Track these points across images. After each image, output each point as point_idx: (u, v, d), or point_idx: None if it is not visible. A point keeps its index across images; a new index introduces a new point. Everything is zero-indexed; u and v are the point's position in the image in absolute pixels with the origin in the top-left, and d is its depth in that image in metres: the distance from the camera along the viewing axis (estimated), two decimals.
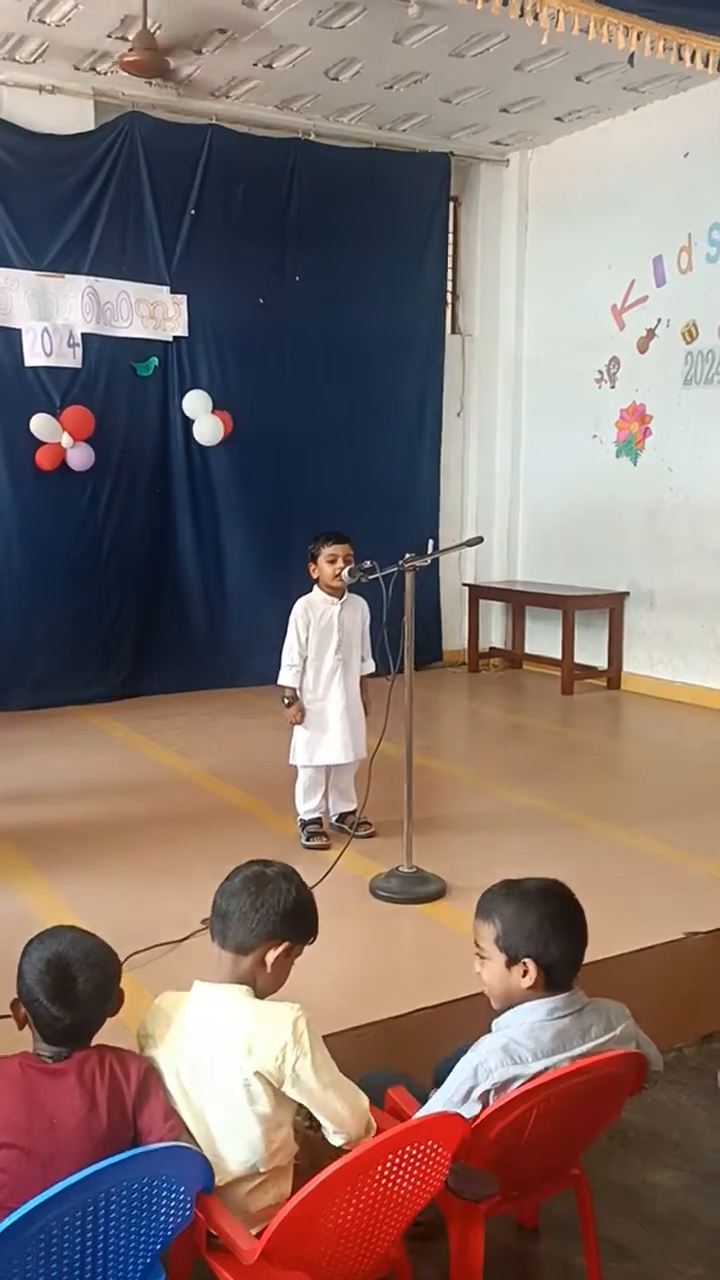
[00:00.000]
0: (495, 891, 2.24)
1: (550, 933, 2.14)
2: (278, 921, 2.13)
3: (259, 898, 2.14)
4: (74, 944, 2.04)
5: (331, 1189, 1.83)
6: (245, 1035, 2.03)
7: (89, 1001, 1.99)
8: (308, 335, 7.43)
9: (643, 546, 7.51)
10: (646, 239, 7.28)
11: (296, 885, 2.19)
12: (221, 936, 2.16)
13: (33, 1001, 1.99)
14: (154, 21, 5.65)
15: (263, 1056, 2.01)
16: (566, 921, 2.17)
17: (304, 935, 2.19)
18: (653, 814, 4.80)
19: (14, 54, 6.34)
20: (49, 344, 6.67)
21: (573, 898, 2.23)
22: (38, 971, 1.99)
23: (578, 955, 2.18)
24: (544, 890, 2.21)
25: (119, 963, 2.12)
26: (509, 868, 4.01)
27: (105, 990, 2.03)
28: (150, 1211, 1.82)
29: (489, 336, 8.52)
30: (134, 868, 4.14)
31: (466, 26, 5.89)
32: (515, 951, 2.15)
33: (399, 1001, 3.08)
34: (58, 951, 2.01)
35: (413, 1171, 1.93)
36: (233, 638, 7.39)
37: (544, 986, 2.14)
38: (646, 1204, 2.68)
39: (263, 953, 2.12)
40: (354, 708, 4.38)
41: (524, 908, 2.17)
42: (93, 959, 2.02)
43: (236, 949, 2.13)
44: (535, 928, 2.14)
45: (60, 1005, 1.97)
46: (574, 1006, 2.16)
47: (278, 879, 2.18)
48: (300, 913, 2.17)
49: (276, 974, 2.15)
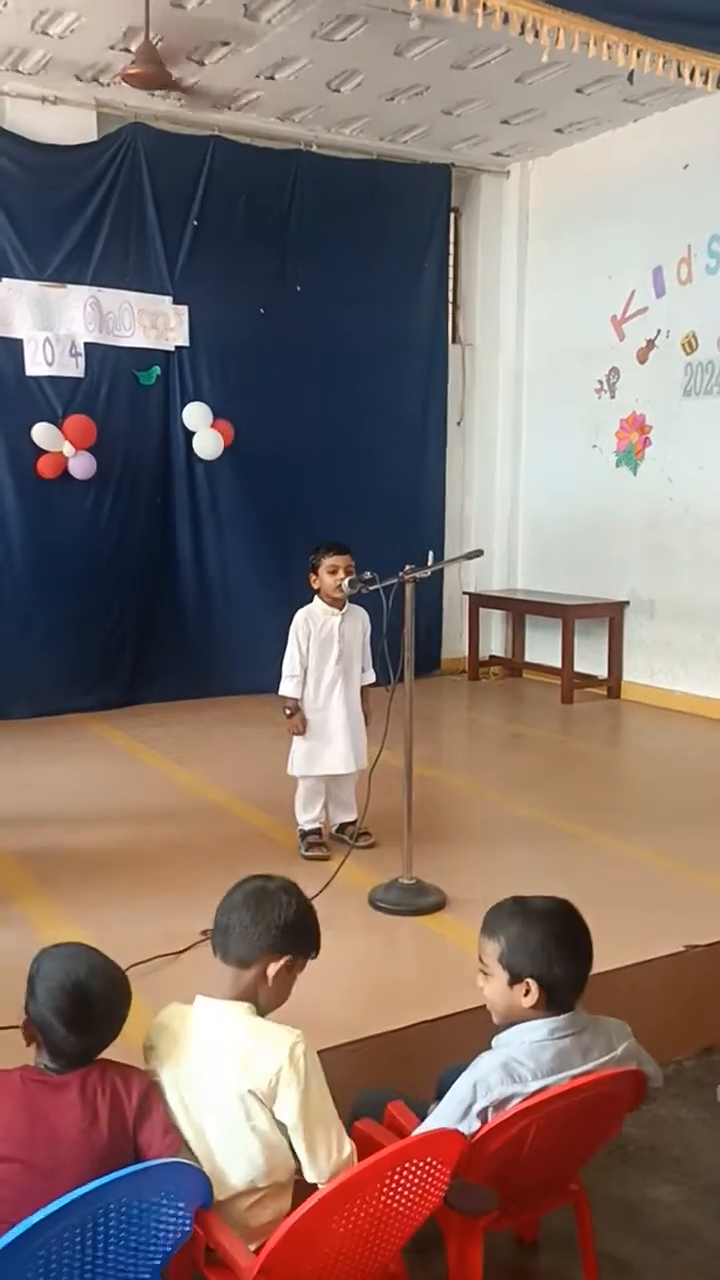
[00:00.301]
0: (502, 908, 2.23)
1: (554, 953, 2.13)
2: (278, 935, 2.13)
3: (260, 911, 2.14)
4: (93, 972, 2.02)
5: (331, 1205, 1.83)
6: (243, 1053, 2.04)
7: (103, 1030, 2.01)
8: (309, 345, 7.45)
9: (643, 556, 7.52)
10: (646, 250, 7.31)
11: (297, 899, 2.20)
12: (223, 950, 2.16)
13: (48, 1027, 1.98)
14: (156, 34, 5.67)
15: (256, 1075, 2.01)
16: (571, 943, 2.16)
17: (305, 949, 2.19)
18: (652, 825, 4.80)
19: (17, 65, 6.36)
20: (50, 354, 6.68)
21: (579, 919, 2.21)
22: (55, 999, 1.98)
23: (581, 977, 2.17)
24: (550, 910, 2.19)
25: (129, 988, 2.12)
26: (509, 879, 4.04)
27: (118, 1018, 2.04)
28: (150, 1227, 1.82)
29: (489, 346, 8.54)
30: (133, 878, 4.13)
31: (467, 40, 5.91)
32: (518, 970, 2.15)
33: (398, 1015, 3.08)
34: (78, 980, 2.00)
35: (412, 1188, 1.93)
36: (233, 646, 7.39)
37: (545, 1006, 2.14)
38: (646, 1219, 2.68)
39: (264, 966, 2.13)
40: (355, 718, 4.38)
41: (529, 926, 2.16)
42: (112, 991, 2.03)
43: (238, 963, 2.13)
44: (539, 947, 2.13)
45: (78, 1034, 1.98)
46: (576, 1027, 2.15)
47: (278, 892, 2.19)
48: (302, 926, 2.18)
49: (278, 988, 2.16)
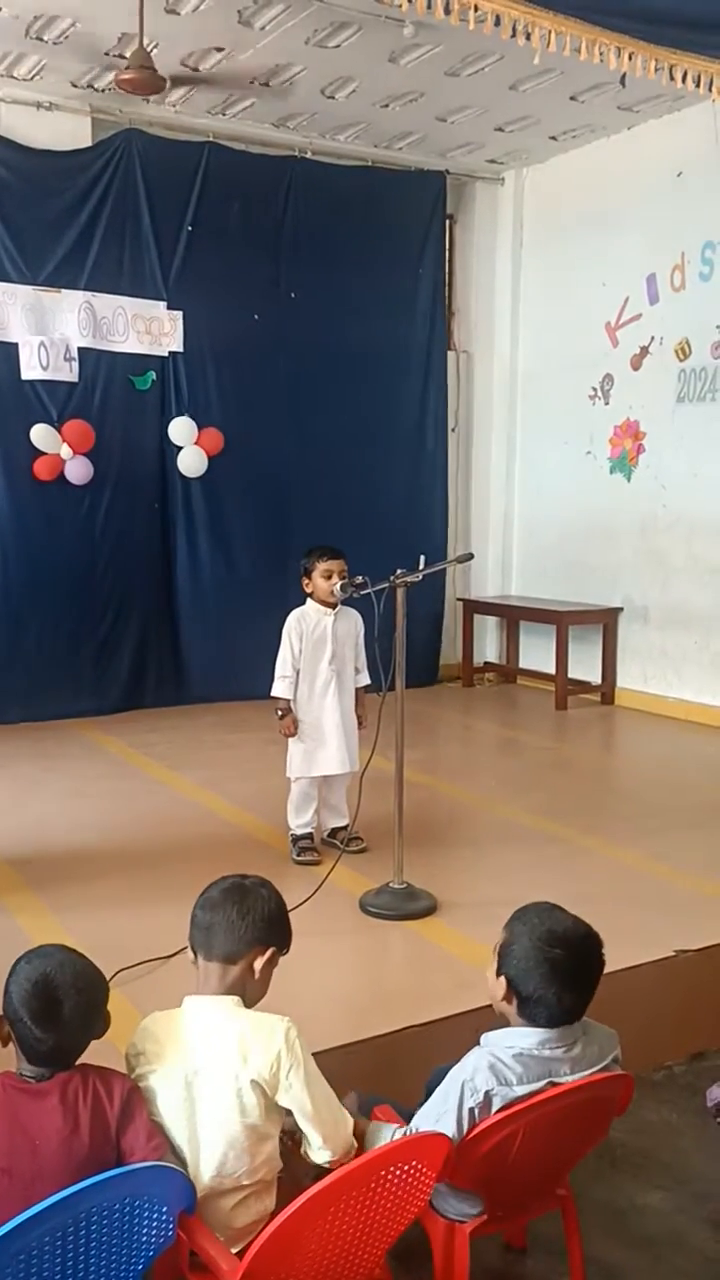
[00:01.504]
0: (531, 907, 2.24)
1: (533, 969, 2.10)
2: (265, 928, 2.18)
3: (244, 906, 2.18)
4: (62, 966, 2.01)
5: (315, 1208, 1.82)
6: (240, 1043, 2.05)
7: (73, 1025, 1.97)
8: (303, 351, 7.46)
9: (636, 562, 7.52)
10: (640, 257, 7.32)
11: (275, 893, 2.27)
12: (206, 949, 2.18)
13: (17, 1021, 1.98)
14: (151, 40, 5.69)
15: (258, 1064, 2.02)
16: (558, 969, 2.10)
17: (284, 941, 2.25)
18: (645, 830, 4.79)
19: (12, 71, 6.38)
20: (45, 358, 6.69)
21: (587, 953, 2.14)
22: (24, 992, 1.98)
23: (563, 1005, 2.10)
24: (559, 933, 2.14)
25: (107, 986, 2.11)
26: (500, 884, 4.06)
27: (91, 1015, 2.01)
28: (132, 1232, 1.81)
29: (484, 353, 8.55)
30: (124, 883, 4.12)
31: (461, 46, 5.93)
32: (502, 964, 2.16)
33: (388, 1019, 3.07)
34: (45, 973, 1.99)
35: (397, 1191, 1.92)
36: (228, 653, 7.36)
37: (517, 1011, 2.12)
38: (635, 1225, 2.67)
39: (251, 960, 2.16)
40: (349, 719, 4.38)
41: (531, 934, 2.14)
42: (80, 983, 2.00)
43: (224, 958, 2.16)
44: (524, 955, 2.13)
45: (44, 1027, 1.95)
46: (567, 1041, 2.13)
47: (257, 888, 2.25)
48: (282, 918, 2.25)
49: (264, 981, 2.19)
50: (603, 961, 2.17)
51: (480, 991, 3.17)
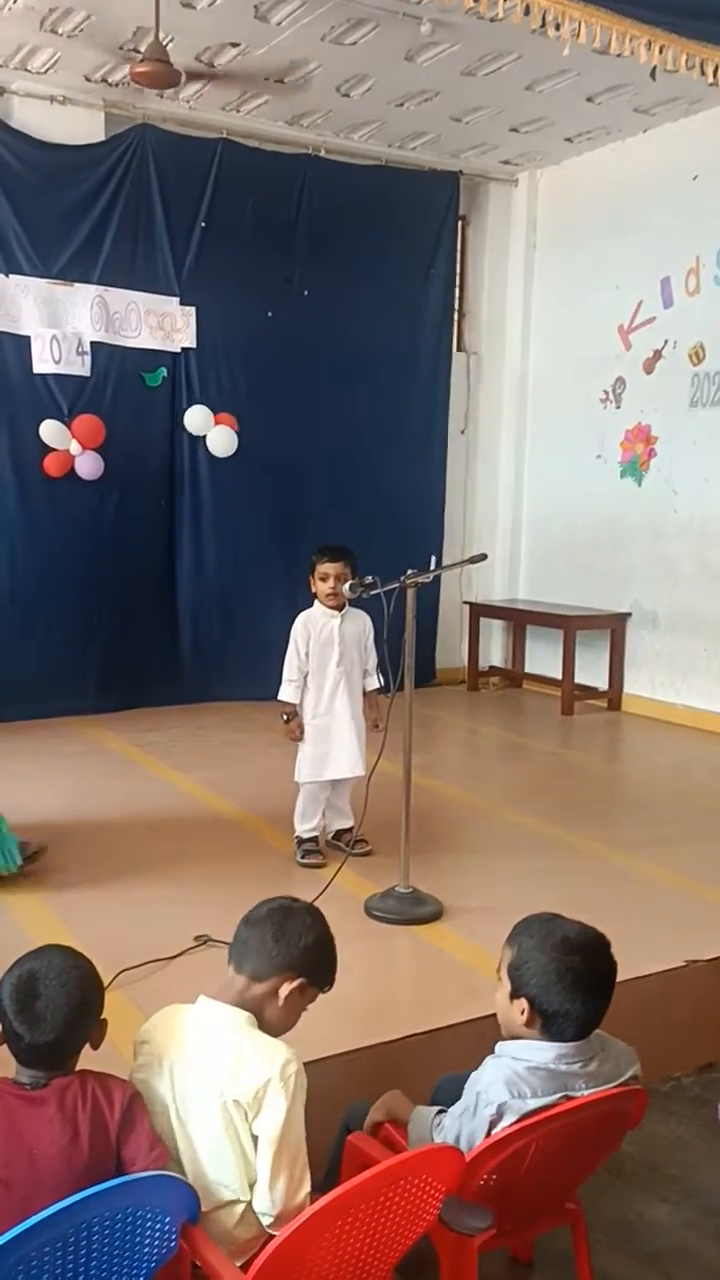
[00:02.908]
0: (532, 919, 2.17)
1: (555, 982, 2.04)
2: (298, 955, 2.12)
3: (283, 928, 2.13)
4: (50, 963, 1.98)
5: (322, 1222, 1.77)
6: (234, 1060, 2.00)
7: (54, 1021, 1.91)
8: (315, 349, 7.42)
9: (646, 567, 7.47)
10: (654, 260, 7.28)
11: (321, 925, 2.19)
12: (238, 961, 2.14)
13: (3, 1016, 1.94)
14: (166, 34, 5.65)
15: (244, 1086, 1.97)
16: (583, 979, 2.05)
17: (321, 978, 2.17)
18: (654, 838, 4.74)
19: (26, 64, 6.34)
20: (58, 351, 6.65)
21: (603, 957, 2.10)
22: (10, 987, 1.95)
23: (586, 1015, 2.05)
24: (573, 939, 2.09)
25: (99, 987, 2.04)
26: (507, 890, 4.01)
27: (76, 1014, 1.94)
28: (134, 1243, 1.77)
29: (495, 355, 8.51)
30: (127, 883, 4.08)
31: (479, 45, 5.89)
32: (518, 985, 2.09)
33: (392, 1026, 3.03)
34: (31, 970, 1.96)
35: (406, 1205, 1.87)
36: (234, 653, 7.34)
37: (539, 1030, 2.07)
38: (643, 1239, 2.62)
39: (277, 984, 2.10)
40: (357, 722, 4.32)
41: (543, 946, 2.08)
42: (65, 978, 1.95)
43: (252, 975, 2.11)
44: (541, 970, 2.06)
45: (22, 1021, 1.91)
46: (584, 1055, 2.08)
47: (303, 914, 2.18)
48: (321, 952, 2.16)
49: (288, 1011, 2.13)
50: (615, 963, 2.13)
51: (486, 999, 3.13)
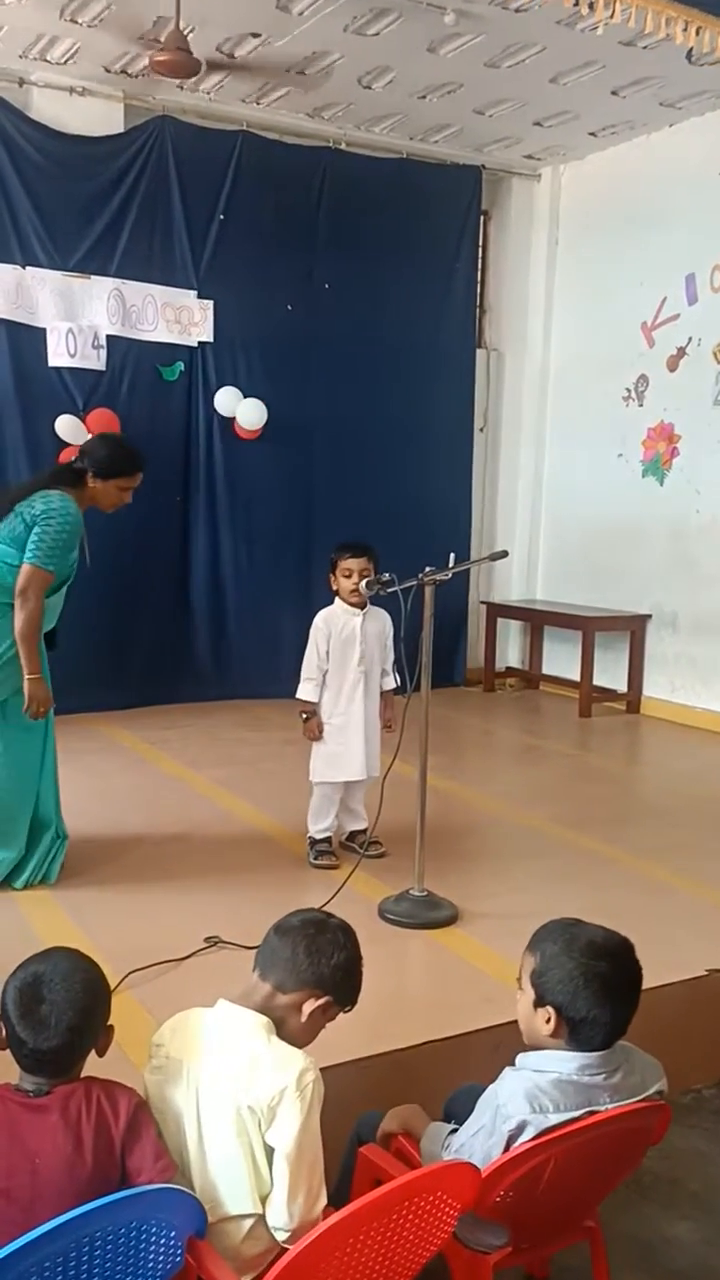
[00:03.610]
0: (553, 925, 2.11)
1: (582, 989, 1.98)
2: (327, 974, 2.06)
3: (315, 943, 2.07)
4: (56, 967, 1.92)
5: (334, 1239, 1.71)
6: (250, 1066, 1.94)
7: (59, 1026, 1.85)
8: (335, 343, 7.35)
9: (667, 568, 7.38)
10: (679, 256, 7.18)
11: (353, 945, 2.13)
12: (264, 968, 2.09)
13: (7, 1020, 1.89)
14: (187, 24, 5.59)
15: (259, 1093, 1.91)
16: (608, 984, 1.99)
17: (346, 998, 2.11)
18: (673, 844, 4.66)
19: (45, 54, 6.30)
20: (73, 345, 6.61)
21: (628, 962, 2.05)
22: (15, 990, 1.89)
23: (615, 1022, 2.00)
24: (599, 944, 2.03)
25: (105, 992, 1.98)
26: (523, 895, 3.93)
27: (79, 1018, 1.88)
28: (139, 1258, 1.71)
29: (516, 352, 8.43)
30: (137, 882, 4.03)
31: (503, 36, 5.82)
32: (543, 994, 2.02)
33: (406, 1033, 2.96)
34: (37, 973, 1.90)
35: (420, 1222, 1.81)
36: (249, 650, 7.28)
37: (566, 1039, 2.01)
38: (663, 1257, 2.55)
39: (301, 999, 2.05)
40: (374, 723, 4.26)
41: (567, 952, 2.02)
42: (71, 982, 1.89)
43: (277, 985, 2.06)
44: (567, 976, 2.00)
45: (26, 1026, 1.85)
46: (608, 1066, 2.01)
47: (336, 931, 2.12)
48: (349, 972, 2.10)
49: (310, 1026, 2.07)
50: (640, 966, 2.07)
51: (503, 1006, 3.07)
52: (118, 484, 3.99)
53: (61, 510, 3.78)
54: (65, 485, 3.88)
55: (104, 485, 3.95)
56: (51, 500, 3.79)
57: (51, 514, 3.75)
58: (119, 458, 4.00)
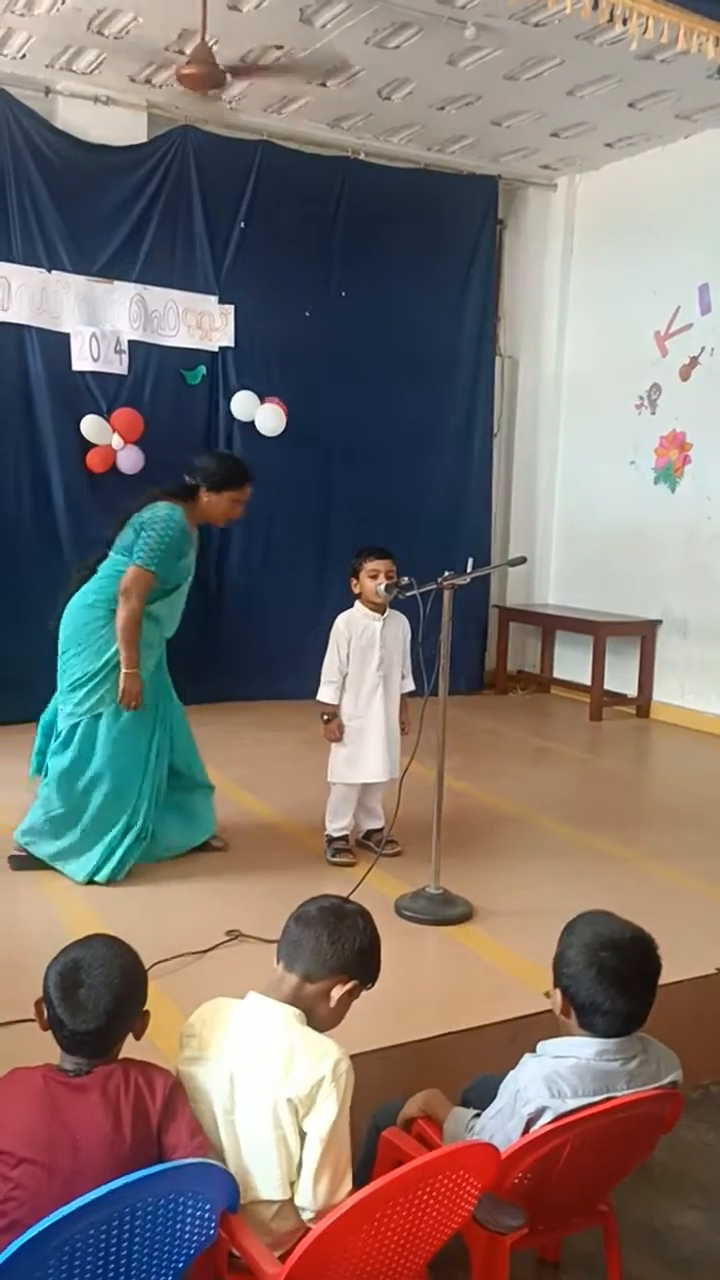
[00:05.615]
0: (583, 914, 2.21)
1: (584, 975, 2.08)
2: (353, 958, 2.13)
3: (337, 930, 2.14)
4: (95, 951, 2.02)
5: (358, 1216, 1.79)
6: (286, 1058, 2.01)
7: (97, 1009, 1.95)
8: (353, 350, 7.43)
9: (678, 574, 7.45)
10: (693, 267, 7.25)
11: (371, 927, 2.20)
12: (289, 960, 2.15)
13: (49, 1003, 1.99)
14: (211, 37, 5.69)
15: (298, 1084, 1.99)
16: (613, 974, 2.07)
17: (369, 977, 2.19)
18: (682, 844, 4.74)
19: (72, 64, 6.40)
20: (97, 349, 6.71)
21: (638, 956, 2.11)
22: (55, 975, 1.99)
23: (619, 1012, 2.07)
24: (607, 936, 2.12)
25: (142, 978, 2.07)
26: (536, 894, 4.02)
27: (117, 1002, 1.97)
28: (174, 1229, 1.79)
29: (530, 360, 8.51)
30: (159, 877, 4.12)
31: (522, 50, 5.90)
32: (556, 975, 2.14)
33: (421, 1025, 3.04)
34: (76, 957, 2.01)
35: (442, 1201, 1.89)
36: (267, 652, 7.33)
37: (576, 1021, 2.10)
38: (671, 1245, 2.63)
39: (329, 986, 2.12)
40: (392, 726, 4.34)
41: (580, 940, 2.12)
42: (109, 967, 1.99)
43: (304, 975, 2.12)
44: (574, 962, 2.10)
45: (66, 1009, 1.95)
46: (625, 1053, 2.09)
47: (355, 916, 2.19)
48: (371, 954, 2.18)
49: (339, 1009, 2.15)
50: (658, 964, 2.14)
51: (516, 1001, 3.17)
52: (230, 496, 4.16)
53: (166, 517, 3.99)
54: (178, 499, 4.08)
55: (216, 498, 4.14)
56: (158, 509, 4.01)
57: (156, 520, 3.97)
58: (230, 470, 4.19)
